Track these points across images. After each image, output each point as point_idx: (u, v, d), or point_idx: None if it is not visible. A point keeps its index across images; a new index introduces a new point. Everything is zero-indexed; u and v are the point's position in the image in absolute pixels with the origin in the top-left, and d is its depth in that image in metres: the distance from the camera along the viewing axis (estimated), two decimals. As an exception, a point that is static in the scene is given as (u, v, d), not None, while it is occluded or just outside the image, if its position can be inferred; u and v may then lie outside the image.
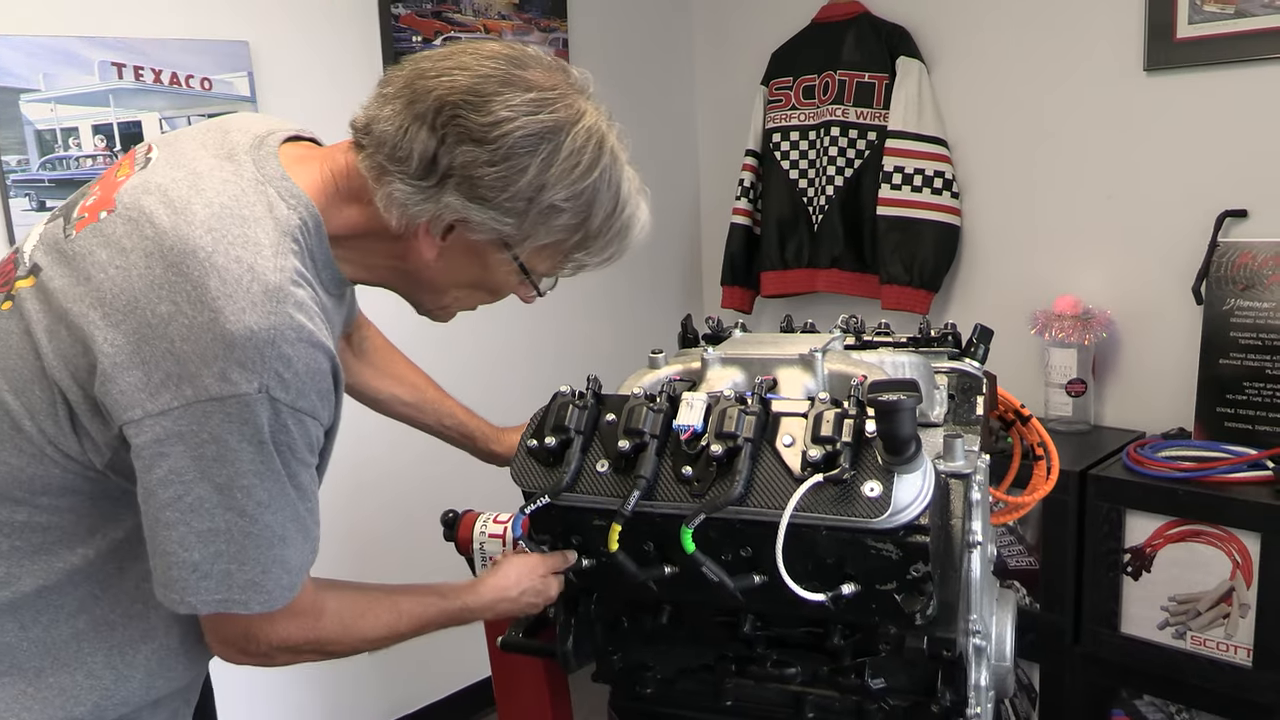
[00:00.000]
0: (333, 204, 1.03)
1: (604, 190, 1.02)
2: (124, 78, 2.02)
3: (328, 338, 0.97)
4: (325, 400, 0.98)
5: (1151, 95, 2.39)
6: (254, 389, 0.90)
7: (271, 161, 1.02)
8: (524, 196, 0.97)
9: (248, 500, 0.94)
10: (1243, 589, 1.99)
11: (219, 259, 0.92)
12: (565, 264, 1.08)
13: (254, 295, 0.92)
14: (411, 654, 2.72)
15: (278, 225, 0.97)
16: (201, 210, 0.95)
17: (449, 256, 1.04)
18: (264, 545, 0.96)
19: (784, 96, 2.95)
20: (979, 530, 1.10)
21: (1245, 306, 2.21)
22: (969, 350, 1.34)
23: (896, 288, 2.75)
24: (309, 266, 1.00)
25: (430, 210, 0.98)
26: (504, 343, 2.88)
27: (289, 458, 0.96)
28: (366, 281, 1.11)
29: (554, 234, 1.02)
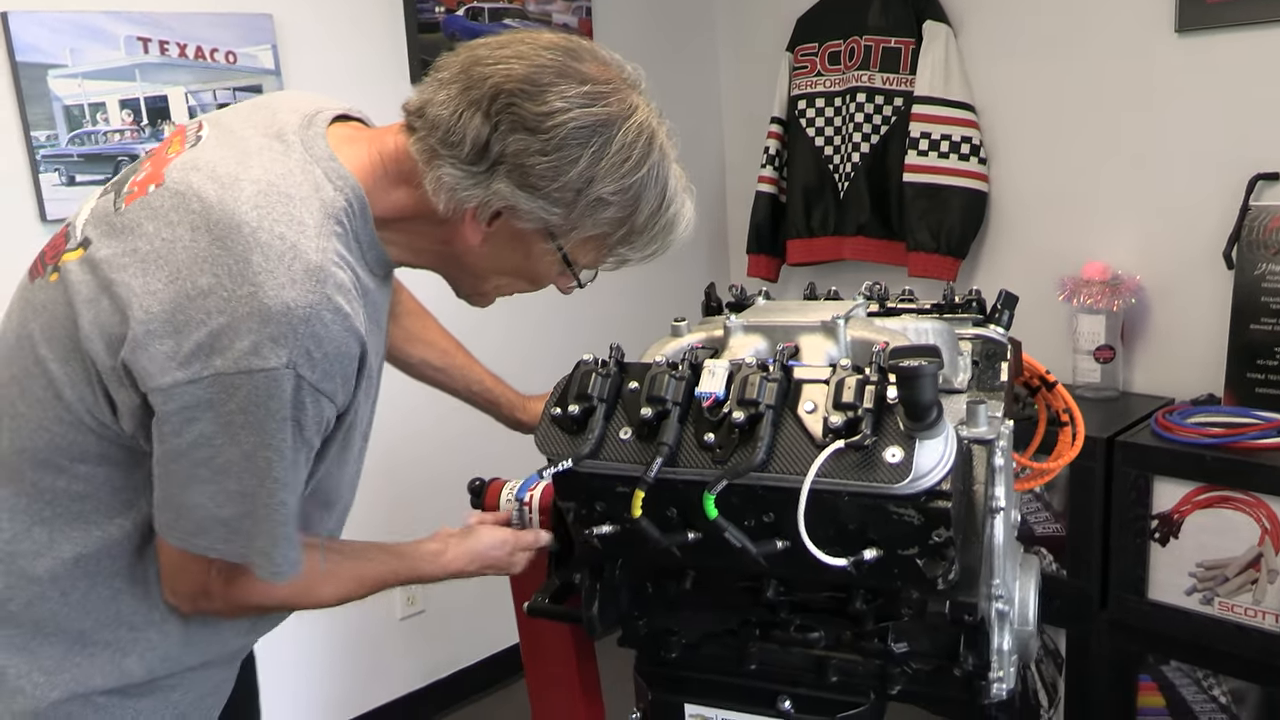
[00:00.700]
0: (380, 186, 1.04)
1: (651, 186, 1.03)
2: (149, 52, 2.03)
3: (362, 323, 0.99)
4: (346, 384, 1.00)
5: (1183, 56, 2.35)
6: (283, 363, 0.93)
7: (320, 142, 1.03)
8: (573, 187, 0.98)
9: (268, 474, 0.97)
10: (1271, 555, 1.98)
11: (263, 235, 0.94)
12: (608, 257, 1.09)
13: (295, 272, 0.94)
14: (441, 621, 2.77)
15: (323, 206, 0.99)
16: (249, 187, 0.97)
17: (494, 243, 1.05)
18: (279, 521, 1.00)
19: (809, 63, 2.92)
20: (1001, 496, 1.09)
21: (1276, 271, 2.19)
22: (993, 316, 1.33)
23: (924, 255, 2.74)
24: (353, 249, 1.01)
25: (479, 196, 0.99)
26: (527, 311, 2.88)
27: (298, 437, 0.98)
28: (411, 264, 1.13)
29: (600, 226, 1.03)
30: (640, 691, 1.27)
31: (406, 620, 2.73)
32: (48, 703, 1.06)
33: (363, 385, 1.06)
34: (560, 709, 1.50)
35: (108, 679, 1.09)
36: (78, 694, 1.08)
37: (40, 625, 1.07)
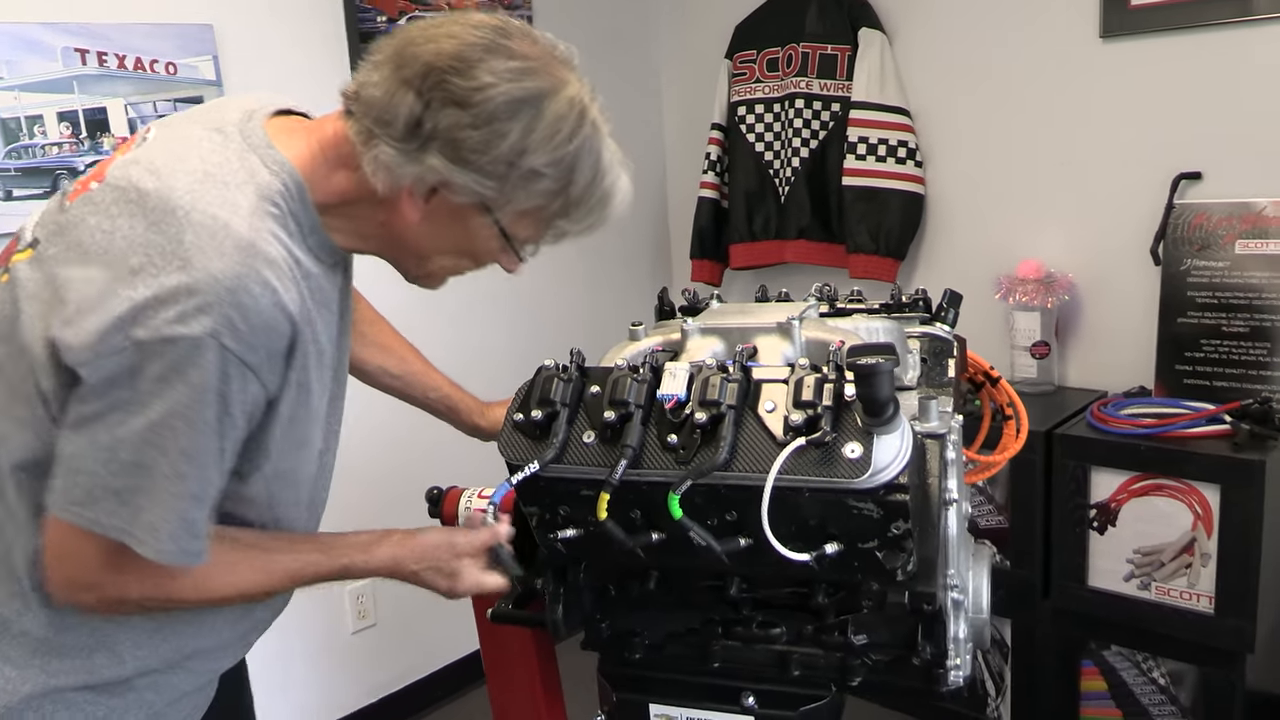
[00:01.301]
0: (320, 172, 1.06)
1: (585, 158, 1.04)
2: (88, 64, 2.00)
3: (295, 303, 0.99)
4: (273, 362, 1.00)
5: (1107, 61, 2.43)
6: (206, 331, 0.93)
7: (258, 132, 1.05)
8: (505, 160, 1.00)
9: (173, 443, 0.95)
10: (1204, 539, 2.06)
11: (196, 216, 0.96)
12: (547, 231, 1.10)
13: (224, 247, 0.95)
14: (393, 634, 2.75)
15: (258, 189, 1.01)
16: (184, 176, 1.00)
17: (433, 221, 1.06)
18: (175, 494, 0.97)
19: (748, 70, 2.97)
20: (954, 488, 1.13)
21: (1201, 266, 2.27)
22: (939, 315, 1.37)
23: (864, 256, 2.79)
24: (291, 231, 1.03)
25: (414, 172, 1.00)
26: (471, 319, 2.89)
27: (222, 413, 0.97)
28: (358, 249, 1.13)
29: (535, 199, 1.04)
30: (604, 693, 1.28)
31: (358, 634, 2.71)
32: (19, 697, 1.06)
33: (307, 369, 1.05)
34: (522, 713, 1.51)
35: (77, 676, 1.08)
36: (49, 688, 1.07)
37: (7, 625, 1.07)
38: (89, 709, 1.10)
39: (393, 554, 1.19)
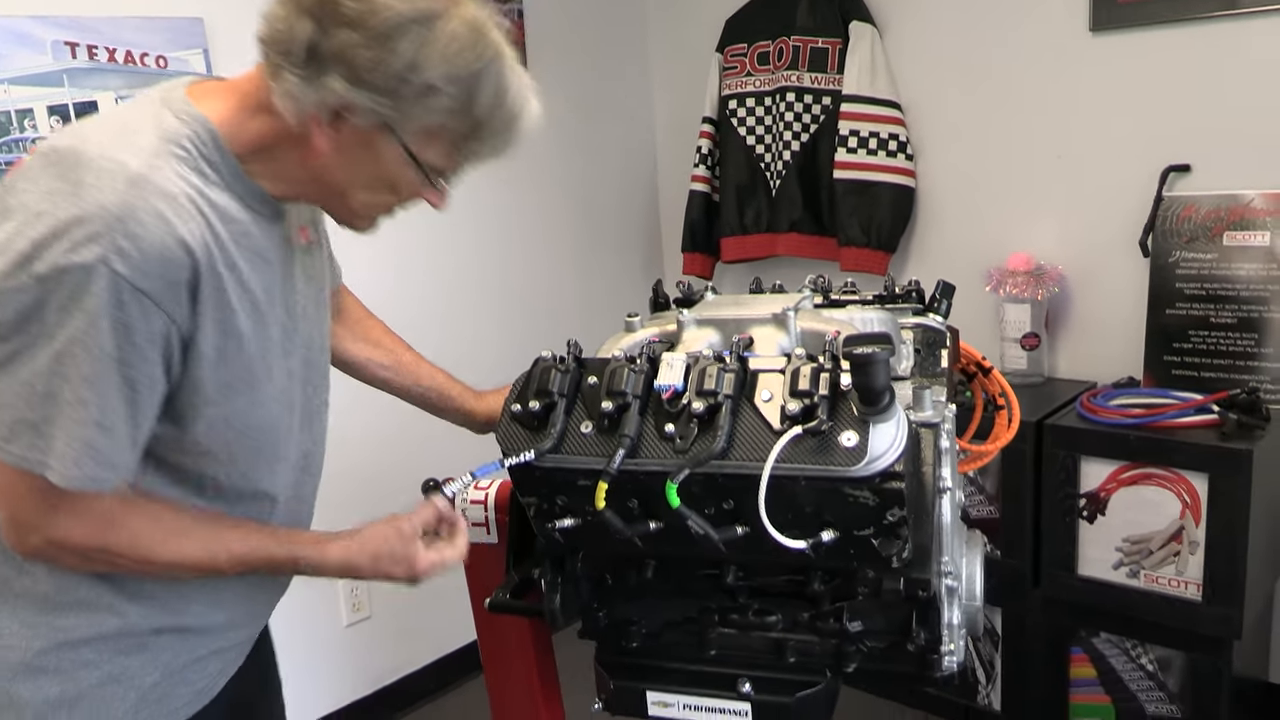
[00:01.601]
0: (238, 119, 1.09)
1: (486, 78, 1.05)
2: (78, 57, 1.99)
3: (196, 238, 1.02)
4: (174, 293, 1.01)
5: (1097, 55, 2.45)
6: (96, 258, 0.96)
7: (177, 92, 1.10)
8: (399, 76, 1.01)
9: (74, 370, 0.98)
10: (1192, 527, 2.08)
11: (96, 160, 1.00)
12: (457, 155, 1.11)
13: (116, 181, 0.99)
14: (388, 627, 2.76)
15: (163, 134, 1.05)
16: (96, 131, 1.06)
17: (345, 152, 1.08)
18: (78, 420, 0.99)
19: (739, 63, 2.97)
20: (948, 476, 1.14)
21: (1189, 258, 2.29)
22: (932, 306, 1.38)
23: (855, 249, 2.81)
24: (206, 175, 1.06)
25: (317, 98, 1.02)
26: (468, 316, 2.90)
27: (123, 341, 0.99)
28: (287, 195, 1.15)
29: (435, 116, 1.05)
30: (602, 682, 1.29)
31: (353, 627, 2.72)
32: (33, 652, 1.10)
33: (228, 308, 1.07)
34: (520, 703, 1.52)
35: (85, 630, 1.12)
36: (61, 643, 1.11)
37: (9, 586, 1.11)
38: (105, 666, 1.13)
39: (344, 553, 1.20)
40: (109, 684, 1.14)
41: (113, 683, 1.14)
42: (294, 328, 1.21)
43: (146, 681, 1.16)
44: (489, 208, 2.92)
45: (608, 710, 1.30)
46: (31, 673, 1.11)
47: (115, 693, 1.14)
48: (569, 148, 3.11)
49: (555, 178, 3.09)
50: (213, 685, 1.24)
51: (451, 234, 2.84)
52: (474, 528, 1.44)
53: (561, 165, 3.10)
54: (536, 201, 3.05)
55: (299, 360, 1.23)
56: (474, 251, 2.90)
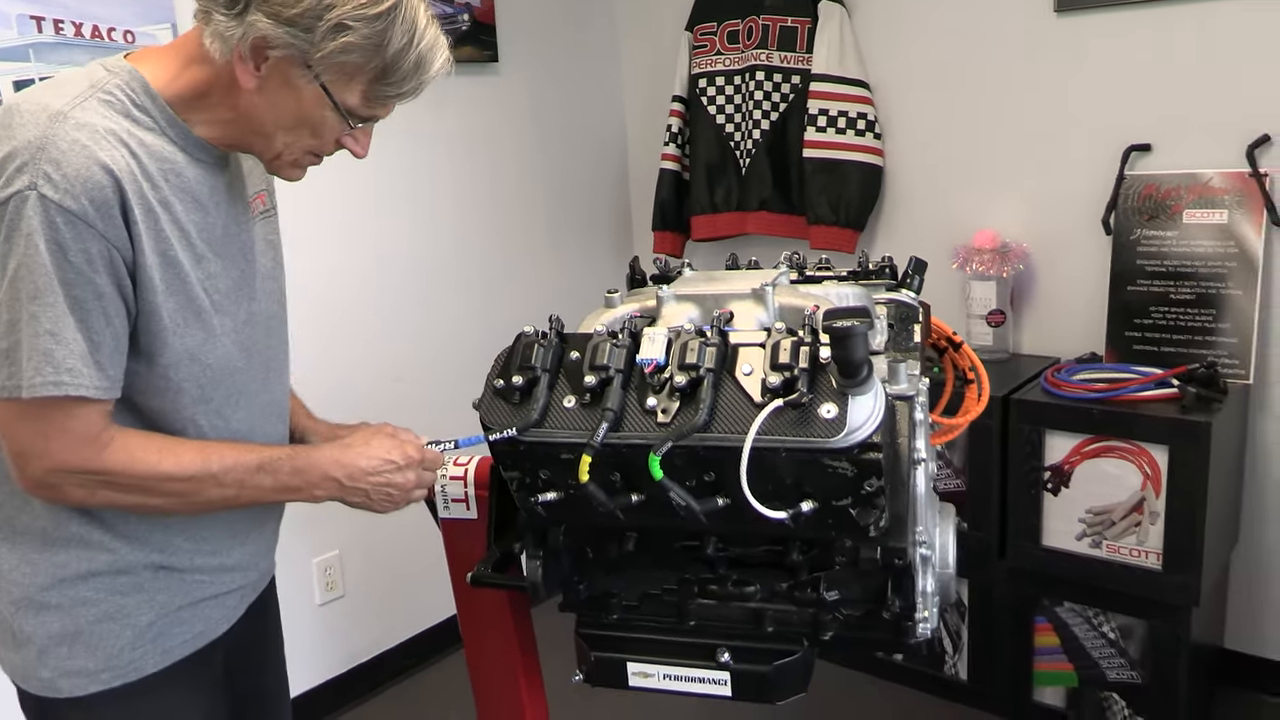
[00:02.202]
0: (173, 70, 1.17)
1: (397, 23, 1.12)
2: (43, 31, 1.96)
3: (113, 160, 1.08)
4: (104, 212, 1.07)
5: (1061, 35, 2.48)
6: (25, 185, 1.04)
7: (116, 55, 1.18)
8: (313, 13, 1.09)
9: (22, 290, 1.06)
10: (1152, 498, 2.13)
11: (26, 107, 1.10)
12: (371, 97, 1.17)
13: (40, 119, 1.07)
14: (361, 605, 2.76)
15: (90, 83, 1.12)
16: (35, 89, 1.15)
17: (268, 91, 1.15)
18: (32, 334, 1.06)
19: (709, 42, 2.98)
20: (922, 448, 1.17)
21: (1151, 236, 2.34)
22: (905, 281, 1.41)
23: (824, 227, 2.83)
24: (134, 116, 1.13)
25: (239, 31, 1.09)
26: (440, 295, 2.89)
27: (61, 260, 1.06)
28: (220, 140, 1.21)
29: (349, 55, 1.11)
30: (582, 654, 1.31)
31: (326, 605, 2.72)
32: (36, 587, 1.20)
33: (163, 240, 1.13)
34: (500, 677, 1.53)
35: (79, 566, 1.20)
36: (59, 579, 1.20)
37: (12, 523, 1.20)
38: (101, 604, 1.21)
39: (337, 454, 1.26)
40: (106, 621, 1.21)
41: (109, 620, 1.21)
42: (253, 274, 1.28)
43: (142, 620, 1.22)
44: (461, 187, 2.91)
45: (588, 682, 1.31)
46: (35, 608, 1.20)
47: (112, 630, 1.21)
48: (539, 127, 3.11)
49: (526, 157, 3.09)
50: (210, 630, 1.30)
51: (427, 215, 2.83)
52: (454, 503, 1.45)
53: (532, 144, 3.09)
54: (507, 181, 3.04)
55: (261, 311, 1.29)
56: (449, 231, 2.90)
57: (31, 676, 1.22)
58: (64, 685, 1.21)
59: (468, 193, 2.94)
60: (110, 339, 1.11)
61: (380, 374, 2.69)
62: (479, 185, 2.97)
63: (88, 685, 1.21)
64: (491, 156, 2.98)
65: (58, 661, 1.20)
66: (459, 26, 2.76)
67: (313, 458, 1.26)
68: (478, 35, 2.82)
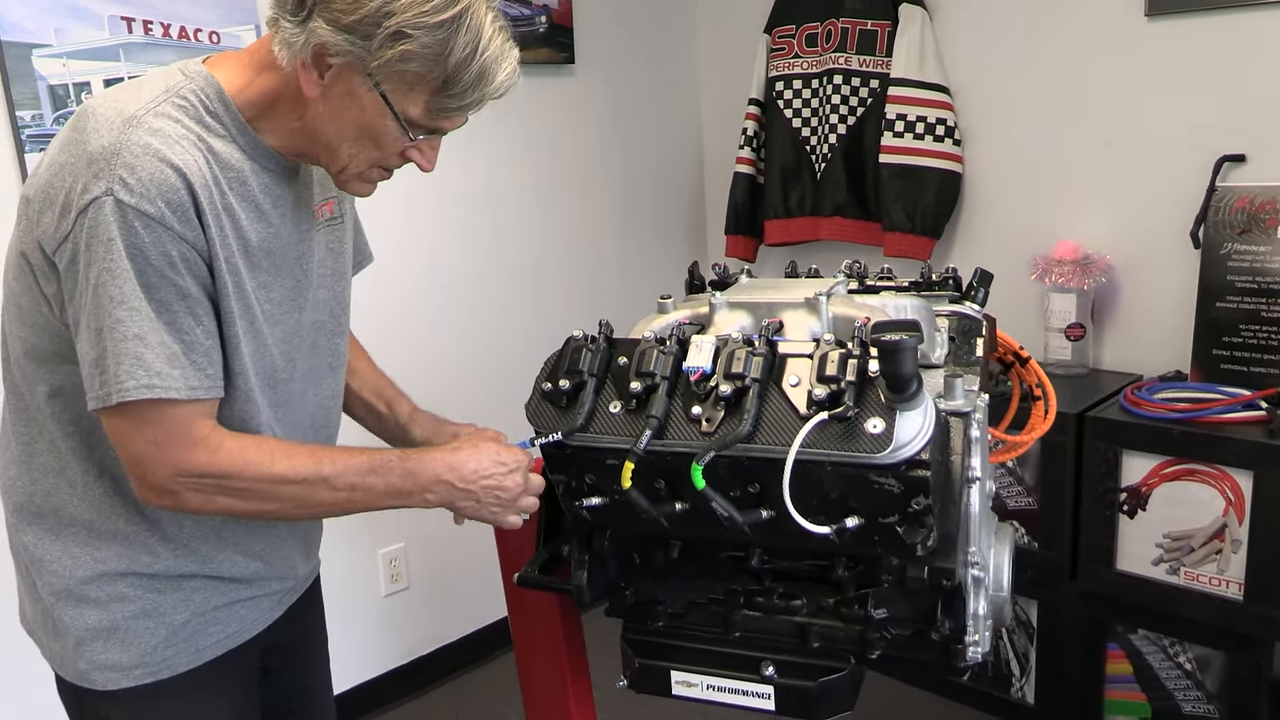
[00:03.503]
0: (245, 78, 1.17)
1: (460, 32, 1.10)
2: (133, 32, 2.03)
3: (190, 165, 1.09)
4: (181, 214, 1.08)
5: (1152, 40, 2.39)
6: (102, 192, 1.05)
7: (195, 59, 1.19)
8: (372, 20, 1.07)
9: (105, 296, 1.07)
10: (1235, 525, 2.04)
11: (101, 110, 1.10)
12: (432, 108, 1.15)
13: (113, 124, 1.08)
14: (426, 598, 2.80)
15: (167, 88, 1.13)
16: (112, 90, 1.16)
17: (331, 100, 1.14)
18: (119, 339, 1.07)
19: (787, 45, 2.95)
20: (978, 466, 1.13)
21: (1242, 250, 2.24)
22: (969, 294, 1.37)
23: (899, 235, 2.78)
24: (206, 123, 1.14)
25: (302, 39, 1.09)
26: (510, 293, 2.92)
27: (144, 265, 1.07)
28: (288, 149, 1.21)
29: (409, 64, 1.10)
30: (627, 659, 1.30)
31: (390, 597, 2.76)
32: (75, 580, 1.22)
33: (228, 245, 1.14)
34: (548, 678, 1.54)
35: (119, 563, 1.22)
36: (99, 573, 1.22)
37: (59, 514, 1.22)
38: (138, 601, 1.23)
39: (449, 456, 1.25)
40: (142, 618, 1.23)
41: (145, 617, 1.23)
42: (308, 284, 1.28)
43: (178, 619, 1.24)
44: (534, 189, 2.93)
45: (632, 688, 1.31)
46: (74, 600, 1.22)
47: (147, 626, 1.23)
48: (615, 129, 3.11)
49: (600, 159, 3.10)
50: (245, 630, 1.32)
51: (497, 216, 2.86)
52: None
53: (607, 146, 3.10)
54: (581, 183, 3.05)
55: (309, 321, 1.30)
56: (517, 233, 2.92)
57: (68, 666, 1.25)
58: (97, 678, 1.23)
59: (540, 194, 2.96)
60: (203, 336, 1.12)
61: (443, 369, 2.72)
62: (552, 187, 2.98)
63: (121, 680, 1.23)
64: (565, 158, 2.99)
65: (93, 655, 1.22)
66: (536, 28, 2.78)
67: (424, 460, 1.24)
68: (555, 37, 2.84)
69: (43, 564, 1.23)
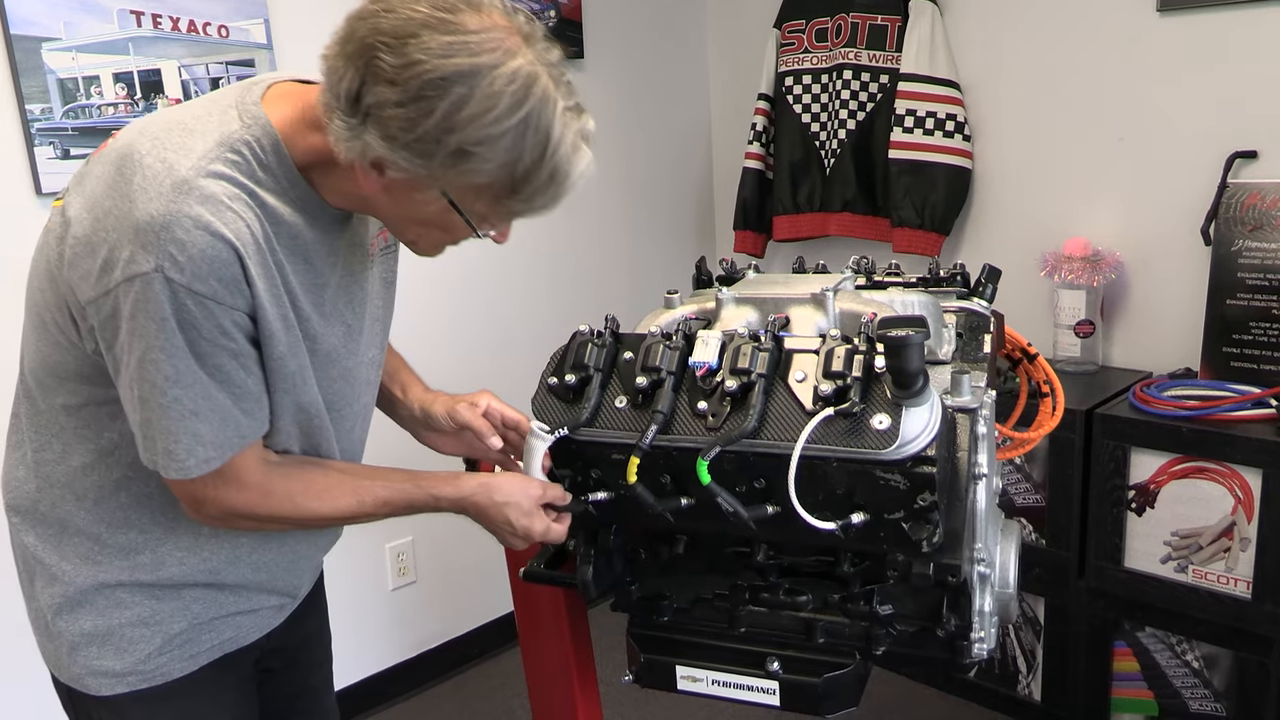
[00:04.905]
0: (300, 131, 1.09)
1: (528, 136, 1.02)
2: (142, 25, 2.04)
3: (235, 233, 1.03)
4: (233, 286, 1.04)
5: (1164, 36, 2.38)
6: (151, 268, 1.00)
7: (253, 94, 1.11)
8: (432, 139, 0.99)
9: (157, 374, 1.03)
10: (1244, 524, 2.04)
11: (148, 160, 1.03)
12: (500, 208, 1.09)
13: (162, 188, 1.01)
14: (433, 592, 2.81)
15: (222, 138, 1.06)
16: (156, 126, 1.08)
17: (394, 193, 1.07)
18: (174, 417, 1.05)
19: (796, 39, 2.94)
20: (984, 463, 1.13)
21: (1253, 247, 2.23)
22: (977, 290, 1.37)
23: (908, 230, 2.77)
24: (258, 177, 1.07)
25: (358, 147, 1.02)
26: (520, 287, 2.92)
27: (195, 338, 1.03)
28: (347, 207, 1.16)
29: (472, 177, 1.03)
30: (633, 654, 1.31)
31: (398, 591, 2.77)
32: (75, 589, 1.20)
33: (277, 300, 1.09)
34: (554, 672, 1.54)
35: (122, 574, 1.20)
36: (104, 584, 1.20)
37: (64, 524, 1.20)
38: (136, 608, 1.21)
39: (479, 486, 1.23)
40: (139, 625, 1.21)
41: (142, 624, 1.21)
42: (360, 327, 1.24)
43: (174, 628, 1.23)
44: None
45: (638, 682, 1.31)
46: (71, 605, 1.21)
47: (143, 634, 1.21)
48: (623, 124, 3.11)
49: (609, 151, 3.09)
50: (241, 637, 1.29)
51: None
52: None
53: (615, 141, 3.10)
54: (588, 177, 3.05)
55: (358, 361, 1.26)
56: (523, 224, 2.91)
57: (63, 668, 1.23)
58: (90, 683, 1.22)
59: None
60: (254, 384, 1.10)
61: (451, 364, 2.72)
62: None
63: (114, 686, 1.21)
64: (575, 152, 2.98)
65: (86, 660, 1.21)
66: (545, 23, 2.77)
67: (460, 490, 1.23)
68: (564, 31, 2.83)
69: (43, 566, 1.22)
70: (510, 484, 1.22)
